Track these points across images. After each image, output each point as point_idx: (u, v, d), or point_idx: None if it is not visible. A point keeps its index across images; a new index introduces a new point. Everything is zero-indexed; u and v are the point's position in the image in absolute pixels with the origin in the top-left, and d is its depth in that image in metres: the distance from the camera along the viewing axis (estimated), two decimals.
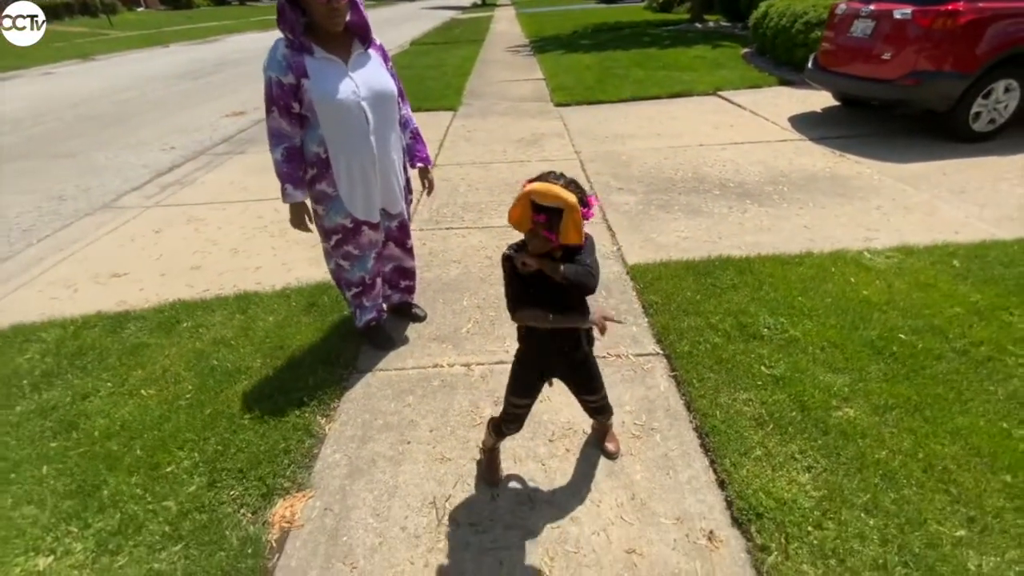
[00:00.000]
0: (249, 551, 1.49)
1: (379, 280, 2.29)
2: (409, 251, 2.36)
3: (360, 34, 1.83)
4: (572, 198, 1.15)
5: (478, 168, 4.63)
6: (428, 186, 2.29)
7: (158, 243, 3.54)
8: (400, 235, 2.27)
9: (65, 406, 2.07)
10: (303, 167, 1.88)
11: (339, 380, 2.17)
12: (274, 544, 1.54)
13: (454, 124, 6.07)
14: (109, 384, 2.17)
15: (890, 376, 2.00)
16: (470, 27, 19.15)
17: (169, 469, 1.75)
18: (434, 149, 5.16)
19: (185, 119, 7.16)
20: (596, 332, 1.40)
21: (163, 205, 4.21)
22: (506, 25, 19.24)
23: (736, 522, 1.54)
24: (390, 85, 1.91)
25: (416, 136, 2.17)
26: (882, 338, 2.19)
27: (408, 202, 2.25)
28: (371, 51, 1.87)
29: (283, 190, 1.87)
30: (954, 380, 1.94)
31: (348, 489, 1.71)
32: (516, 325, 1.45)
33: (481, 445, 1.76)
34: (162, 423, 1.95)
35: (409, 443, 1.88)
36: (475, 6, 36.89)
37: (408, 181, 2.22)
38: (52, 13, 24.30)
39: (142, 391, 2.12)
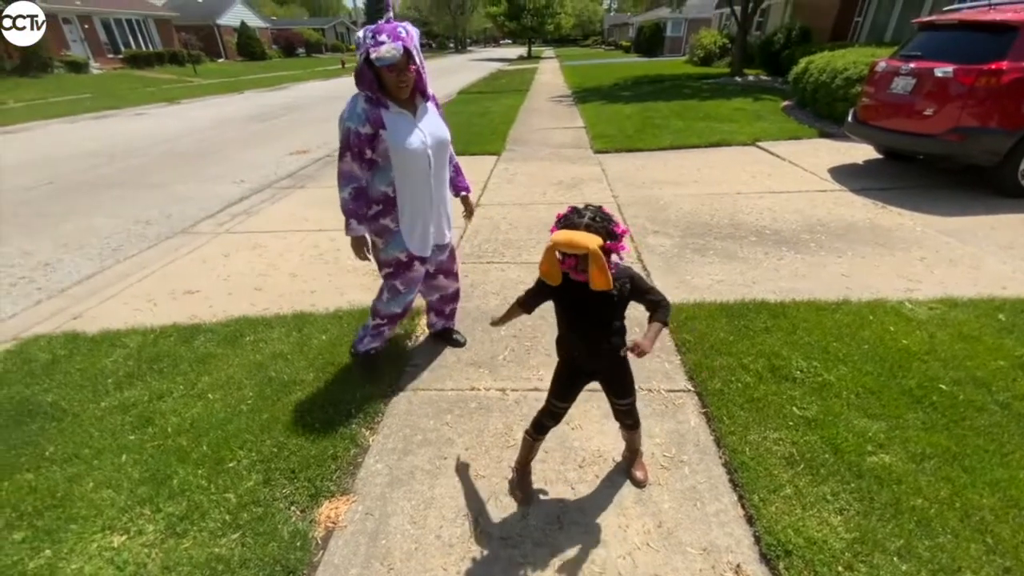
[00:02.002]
0: (298, 544, 1.62)
1: (407, 312, 2.43)
2: (453, 275, 2.56)
3: (421, 90, 2.07)
4: (593, 244, 1.20)
5: (519, 208, 4.87)
6: (469, 212, 2.53)
7: (226, 265, 3.90)
8: (448, 262, 2.47)
9: (143, 404, 2.31)
10: (366, 205, 2.10)
11: (383, 396, 2.33)
12: (319, 541, 1.66)
13: (497, 167, 6.42)
14: (181, 387, 2.41)
15: (929, 425, 1.97)
16: (515, 78, 20.25)
17: (231, 465, 1.93)
18: (478, 190, 5.47)
19: (255, 156, 7.88)
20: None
21: (232, 232, 4.63)
22: (550, 76, 20.23)
23: (764, 558, 1.55)
24: (447, 133, 2.18)
25: (458, 170, 2.42)
26: (921, 387, 2.17)
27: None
28: (429, 103, 2.13)
29: (348, 224, 2.06)
30: (995, 432, 1.90)
31: (388, 496, 1.82)
32: (555, 349, 1.62)
33: (514, 464, 1.86)
34: (226, 424, 2.15)
35: (446, 459, 1.99)
36: (521, 58, 39.03)
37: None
38: (145, 61, 27.41)
39: (209, 395, 2.34)
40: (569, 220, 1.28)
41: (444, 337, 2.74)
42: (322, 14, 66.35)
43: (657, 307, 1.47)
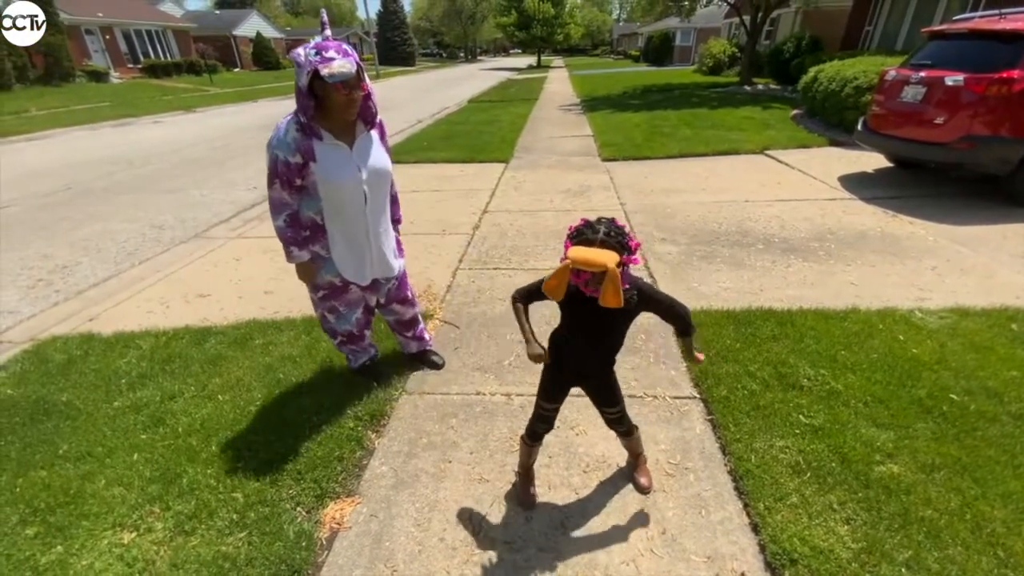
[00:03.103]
0: (303, 544, 1.64)
1: (367, 331, 2.38)
2: (409, 302, 2.42)
3: (366, 118, 1.92)
4: (611, 262, 1.17)
5: (526, 215, 4.90)
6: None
7: (238, 269, 3.96)
8: (399, 292, 2.34)
9: (155, 404, 2.35)
10: (302, 230, 1.98)
11: (389, 400, 2.35)
12: (324, 542, 1.68)
13: (505, 175, 6.47)
14: (192, 388, 2.45)
15: (939, 435, 1.95)
16: (525, 87, 20.42)
17: (239, 465, 1.96)
18: (485, 197, 5.52)
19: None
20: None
21: (244, 237, 4.71)
22: (559, 86, 20.37)
23: (769, 567, 1.54)
24: (388, 164, 2.04)
25: (394, 200, 2.27)
26: (931, 397, 2.15)
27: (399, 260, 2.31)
28: (373, 132, 1.98)
29: (289, 252, 1.96)
30: (1008, 444, 1.87)
31: (393, 499, 1.84)
32: (548, 341, 1.61)
33: (517, 468, 1.86)
34: (234, 425, 2.18)
35: (450, 462, 2.00)
36: (530, 67, 39.35)
37: (398, 242, 2.30)
38: (163, 71, 28.05)
39: (219, 396, 2.38)
40: (583, 235, 1.25)
41: (421, 359, 2.61)
42: (335, 25, 67.59)
43: (676, 318, 1.43)
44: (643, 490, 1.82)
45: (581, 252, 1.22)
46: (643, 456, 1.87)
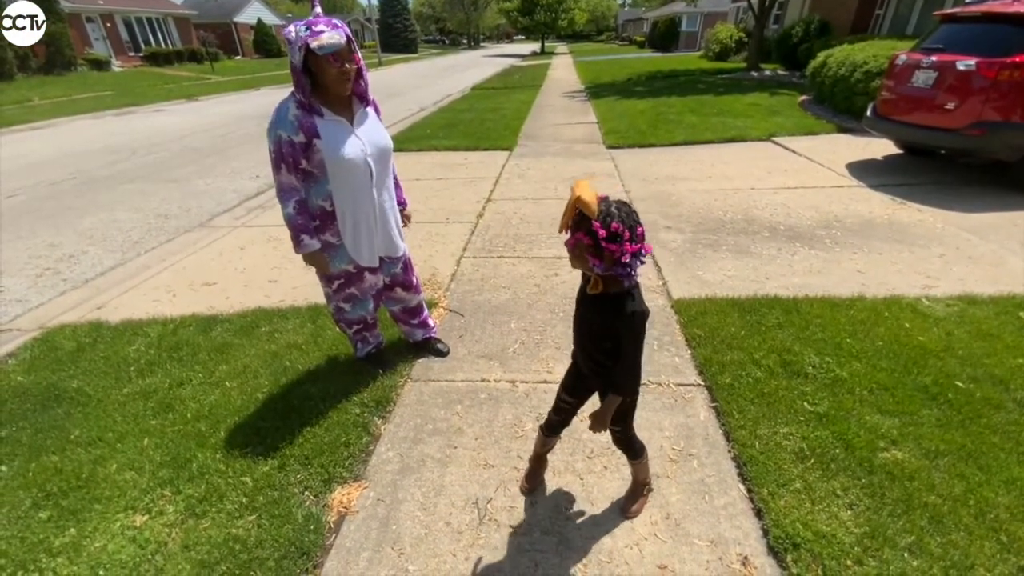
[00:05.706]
0: (312, 528, 1.67)
1: (376, 317, 2.39)
2: (414, 288, 2.40)
3: (360, 95, 1.92)
4: (586, 196, 1.13)
5: (530, 203, 4.88)
6: (406, 222, 2.35)
7: (242, 258, 3.97)
8: (405, 276, 2.33)
9: (164, 391, 2.37)
10: (311, 219, 1.94)
11: (395, 386, 2.36)
12: (332, 525, 1.71)
13: (509, 163, 6.43)
14: (200, 375, 2.48)
15: (944, 422, 1.95)
16: (529, 73, 20.19)
17: (247, 450, 1.98)
18: (489, 185, 5.49)
19: None
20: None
21: (248, 226, 4.72)
22: (563, 72, 20.13)
23: (772, 550, 1.55)
24: (388, 140, 2.03)
25: (396, 183, 2.25)
26: (937, 384, 2.14)
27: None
28: (368, 108, 1.97)
29: (299, 241, 1.90)
30: (1013, 431, 1.87)
31: (399, 484, 1.86)
32: (564, 343, 1.60)
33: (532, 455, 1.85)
34: (242, 411, 2.21)
35: (456, 448, 2.02)
36: (534, 54, 38.86)
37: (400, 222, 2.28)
38: (164, 59, 27.89)
39: (226, 383, 2.40)
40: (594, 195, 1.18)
41: (425, 347, 2.61)
42: (337, 12, 66.77)
43: (618, 369, 1.36)
44: (627, 515, 1.70)
45: (581, 183, 1.18)
46: (648, 487, 1.75)
